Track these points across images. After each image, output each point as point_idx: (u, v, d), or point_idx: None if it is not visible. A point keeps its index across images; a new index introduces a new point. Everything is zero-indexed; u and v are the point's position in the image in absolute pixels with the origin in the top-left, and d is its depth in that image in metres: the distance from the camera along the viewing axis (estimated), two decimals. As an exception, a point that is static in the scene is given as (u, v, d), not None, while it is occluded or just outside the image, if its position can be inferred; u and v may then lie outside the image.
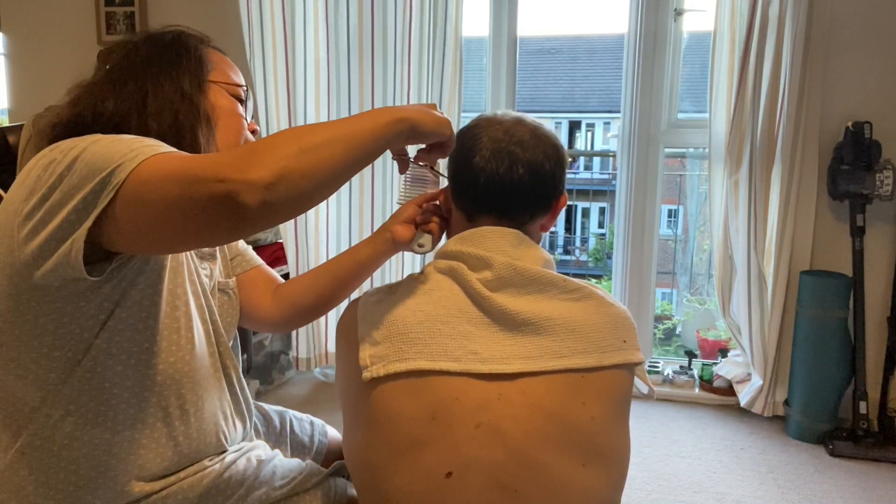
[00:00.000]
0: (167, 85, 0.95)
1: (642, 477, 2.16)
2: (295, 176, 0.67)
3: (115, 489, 0.89)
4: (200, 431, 0.97)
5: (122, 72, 0.96)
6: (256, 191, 0.65)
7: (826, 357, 2.34)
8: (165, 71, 0.96)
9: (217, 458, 0.99)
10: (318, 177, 0.69)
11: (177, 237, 0.71)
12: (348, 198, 2.69)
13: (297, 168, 0.67)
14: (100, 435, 0.87)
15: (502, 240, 0.93)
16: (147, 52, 0.98)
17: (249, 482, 0.99)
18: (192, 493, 0.94)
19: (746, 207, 2.37)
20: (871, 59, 2.37)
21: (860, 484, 2.12)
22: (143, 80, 0.94)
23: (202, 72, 1.00)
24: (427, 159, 0.97)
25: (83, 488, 0.88)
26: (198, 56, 1.00)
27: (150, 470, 0.91)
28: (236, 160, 0.66)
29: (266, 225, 0.69)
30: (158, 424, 0.92)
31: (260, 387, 2.73)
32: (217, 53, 1.05)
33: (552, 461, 0.83)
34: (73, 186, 0.74)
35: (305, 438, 1.29)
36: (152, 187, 0.70)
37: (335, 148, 0.72)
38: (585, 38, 13.97)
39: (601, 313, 0.91)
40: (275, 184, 0.65)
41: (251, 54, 2.55)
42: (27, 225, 0.77)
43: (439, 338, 0.85)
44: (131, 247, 0.77)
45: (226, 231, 0.69)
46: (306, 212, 0.71)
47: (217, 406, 1.00)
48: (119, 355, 0.86)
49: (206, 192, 0.66)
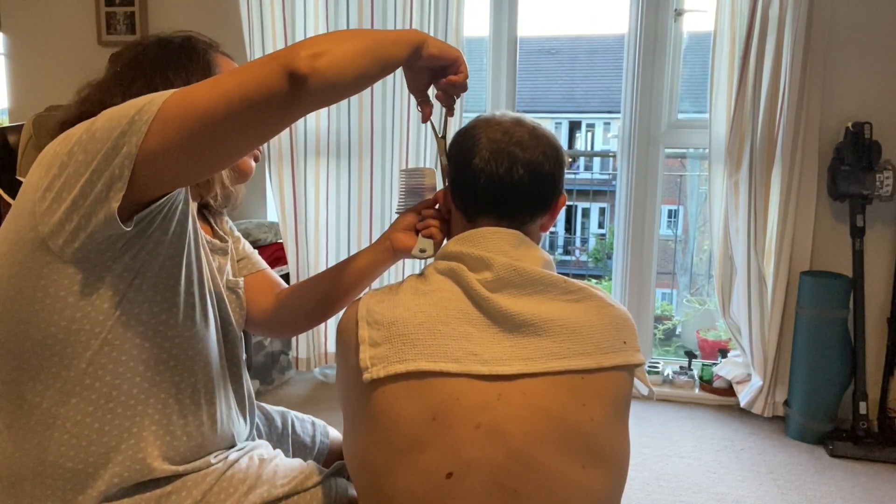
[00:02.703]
0: (177, 83, 0.96)
1: (642, 477, 2.16)
2: (336, 51, 0.78)
3: (129, 466, 0.90)
4: (211, 417, 0.98)
5: (132, 71, 0.97)
6: (306, 59, 0.75)
7: (826, 357, 2.33)
8: (174, 70, 0.98)
9: (221, 455, 1.00)
10: (352, 59, 0.80)
11: (232, 131, 0.77)
12: (347, 197, 2.69)
13: (334, 49, 0.78)
14: (112, 410, 0.88)
15: (502, 240, 0.93)
16: (156, 53, 0.99)
17: (251, 481, 1.00)
18: (196, 490, 0.95)
19: (746, 208, 2.37)
20: (871, 60, 2.37)
21: (860, 484, 2.12)
22: (151, 77, 0.96)
23: (208, 73, 1.00)
24: (445, 98, 1.01)
25: (98, 462, 0.88)
26: (206, 60, 1.02)
27: (160, 455, 0.92)
28: (280, 50, 0.77)
29: (317, 98, 0.78)
30: (171, 402, 0.93)
31: (260, 387, 2.74)
32: (226, 59, 1.07)
33: (552, 462, 0.83)
34: (98, 141, 0.78)
35: (307, 439, 1.30)
36: (197, 95, 0.76)
37: (360, 41, 0.82)
38: (585, 38, 13.98)
39: (601, 314, 0.91)
40: (320, 55, 0.76)
41: (251, 54, 2.55)
42: (48, 196, 0.79)
43: (440, 339, 0.85)
44: (176, 170, 0.79)
45: (283, 106, 0.76)
46: (349, 96, 0.85)
47: (223, 396, 1.01)
48: (137, 327, 0.87)
49: (262, 69, 0.75)
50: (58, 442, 0.86)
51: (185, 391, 0.94)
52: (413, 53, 0.89)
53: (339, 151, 2.68)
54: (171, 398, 0.93)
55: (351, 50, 0.79)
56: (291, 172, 2.64)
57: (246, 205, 1.37)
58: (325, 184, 2.71)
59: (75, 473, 0.88)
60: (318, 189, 2.70)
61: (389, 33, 0.87)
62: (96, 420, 0.87)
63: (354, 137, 2.64)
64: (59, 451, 0.87)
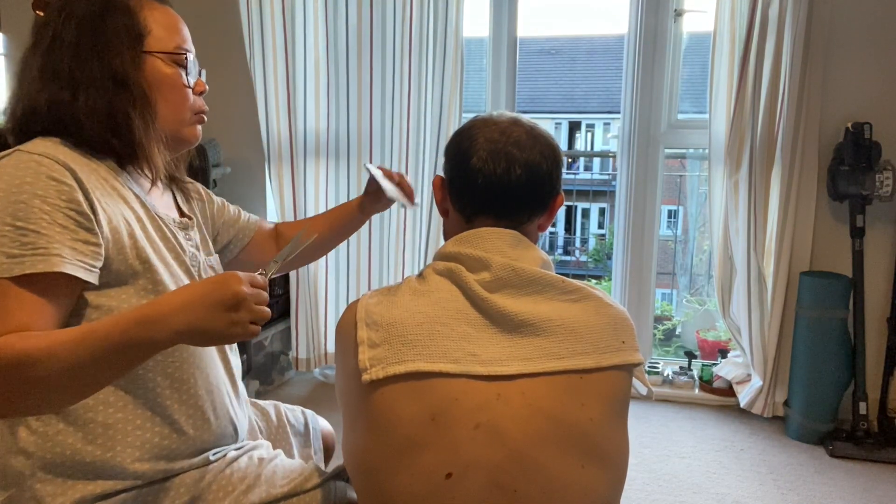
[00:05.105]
0: (96, 68, 0.91)
1: (642, 477, 2.16)
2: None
3: (120, 463, 0.91)
4: (207, 410, 0.99)
5: (52, 58, 0.92)
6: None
7: (826, 358, 2.33)
8: (94, 51, 0.92)
9: (219, 453, 1.00)
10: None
11: None
12: (346, 197, 2.69)
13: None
14: (113, 403, 0.90)
15: (500, 240, 0.93)
16: (75, 28, 0.93)
17: (251, 480, 1.00)
18: (195, 487, 0.95)
19: (746, 208, 2.37)
20: (871, 60, 2.37)
21: (860, 485, 2.12)
22: (72, 69, 0.91)
23: (136, 43, 0.94)
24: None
25: (101, 454, 0.90)
26: (129, 23, 0.94)
27: (152, 449, 0.93)
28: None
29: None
30: (164, 395, 0.94)
31: (260, 387, 2.74)
32: (156, 9, 0.98)
33: (551, 462, 0.83)
34: None
35: (301, 427, 1.31)
36: None
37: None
38: (585, 38, 13.97)
39: (600, 314, 0.91)
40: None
41: (251, 54, 2.55)
42: None
43: (438, 339, 0.85)
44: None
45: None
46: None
47: (214, 383, 1.01)
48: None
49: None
50: (63, 434, 0.88)
51: (178, 385, 0.95)
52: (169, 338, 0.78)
53: (339, 152, 2.68)
54: (165, 390, 0.94)
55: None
56: (291, 173, 2.64)
57: (246, 205, 1.39)
58: (325, 184, 2.71)
59: (76, 463, 0.89)
60: (318, 189, 2.70)
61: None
62: (98, 414, 0.89)
63: (354, 138, 2.64)
64: (65, 443, 0.88)
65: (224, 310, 0.76)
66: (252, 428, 1.20)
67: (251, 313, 0.77)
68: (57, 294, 0.82)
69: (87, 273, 0.84)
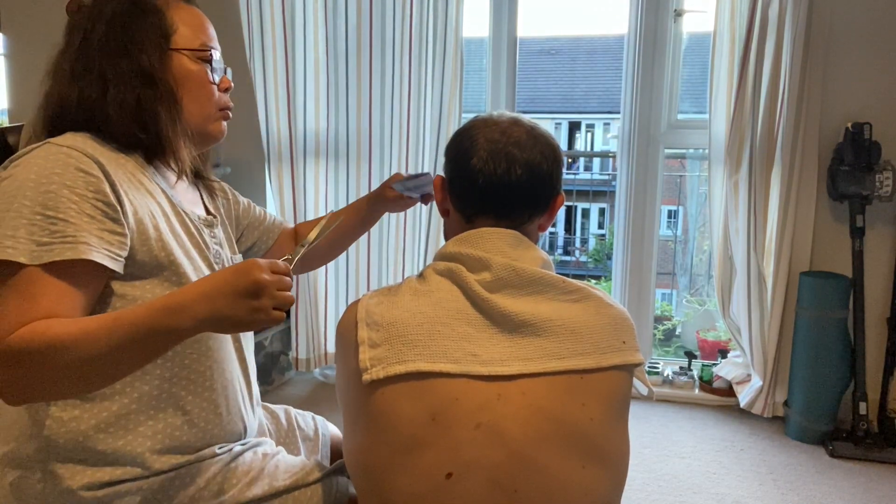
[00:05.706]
0: (124, 65, 0.94)
1: (642, 477, 2.16)
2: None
3: (130, 452, 0.92)
4: (220, 404, 1.00)
5: (83, 57, 0.95)
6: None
7: (826, 358, 2.33)
8: (123, 49, 0.95)
9: (225, 448, 1.02)
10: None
11: None
12: (346, 198, 2.69)
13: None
14: (129, 394, 0.91)
15: (501, 241, 0.93)
16: (105, 28, 0.96)
17: (255, 473, 1.02)
18: (200, 478, 0.97)
19: (746, 208, 2.37)
20: (871, 60, 2.37)
21: (860, 485, 2.12)
22: (102, 66, 0.94)
23: (163, 41, 0.97)
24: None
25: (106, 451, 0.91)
26: (156, 22, 0.97)
27: (163, 440, 0.94)
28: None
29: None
30: (177, 389, 0.95)
31: (260, 387, 2.73)
32: (183, 9, 1.02)
33: (552, 462, 0.83)
34: None
35: (310, 432, 1.32)
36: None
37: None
38: (585, 38, 13.98)
39: (600, 314, 0.91)
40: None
41: (251, 54, 2.55)
42: None
43: (439, 339, 0.85)
44: None
45: None
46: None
47: (230, 379, 1.03)
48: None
49: None
50: (77, 420, 0.90)
51: (194, 377, 0.96)
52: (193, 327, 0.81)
53: (339, 153, 2.68)
54: (181, 381, 0.95)
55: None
56: (291, 173, 2.64)
57: (246, 205, 1.43)
58: (325, 185, 2.71)
59: (90, 453, 0.91)
60: (318, 190, 2.70)
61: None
62: (114, 403, 0.91)
63: (353, 139, 2.64)
64: (78, 429, 0.90)
65: (245, 297, 0.78)
66: (262, 430, 1.21)
67: (273, 299, 0.79)
68: (83, 282, 0.84)
69: (113, 262, 0.86)
